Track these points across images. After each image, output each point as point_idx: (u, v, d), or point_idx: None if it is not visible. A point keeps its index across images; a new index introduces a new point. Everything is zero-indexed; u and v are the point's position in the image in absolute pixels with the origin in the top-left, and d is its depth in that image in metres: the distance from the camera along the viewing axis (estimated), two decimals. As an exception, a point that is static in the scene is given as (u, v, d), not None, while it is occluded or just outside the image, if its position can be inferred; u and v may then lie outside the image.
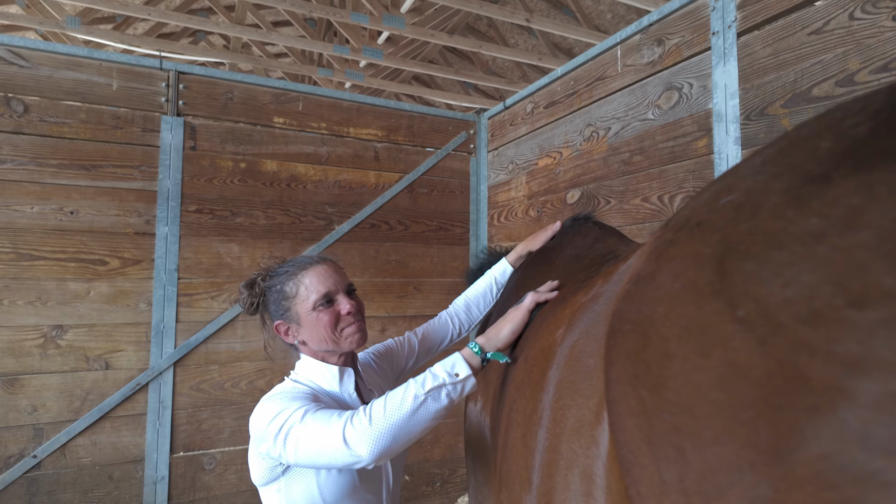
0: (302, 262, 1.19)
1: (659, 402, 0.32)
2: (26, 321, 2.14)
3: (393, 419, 0.89)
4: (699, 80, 1.78)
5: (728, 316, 0.28)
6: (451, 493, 2.95)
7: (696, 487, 0.28)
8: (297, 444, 0.97)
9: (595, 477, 0.45)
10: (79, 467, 2.19)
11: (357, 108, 2.83)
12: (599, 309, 0.55)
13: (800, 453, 0.23)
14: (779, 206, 0.28)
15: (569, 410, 0.53)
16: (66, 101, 2.24)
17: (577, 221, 1.42)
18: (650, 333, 0.35)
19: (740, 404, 0.26)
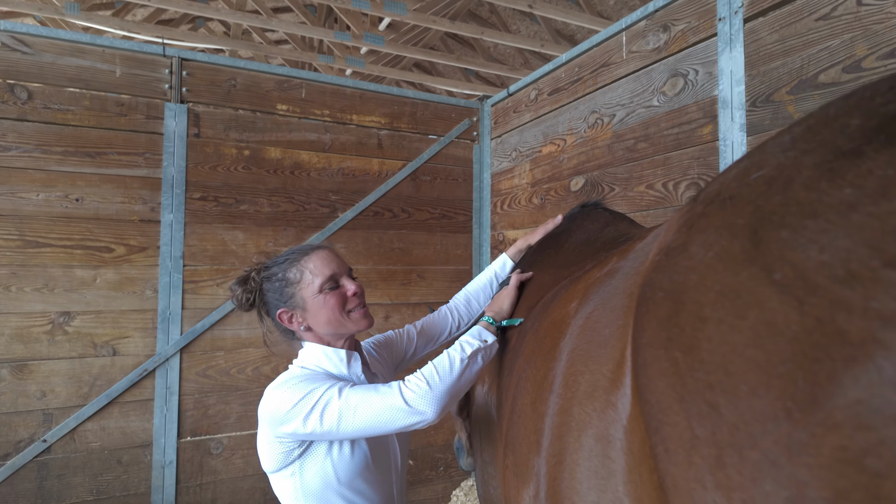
0: (303, 249, 1.22)
1: (693, 363, 0.33)
2: (34, 308, 2.16)
3: (448, 380, 1.02)
4: (705, 66, 1.78)
5: (764, 280, 0.29)
6: (454, 477, 2.99)
7: (728, 439, 0.30)
8: (341, 416, 1.01)
9: (613, 439, 0.47)
10: (88, 451, 2.22)
11: (360, 95, 2.83)
12: (616, 283, 0.57)
13: (837, 399, 0.24)
14: (812, 178, 0.29)
15: (581, 376, 0.55)
16: (69, 88, 2.24)
17: (585, 207, 1.43)
18: (684, 300, 0.36)
19: (777, 359, 0.28)
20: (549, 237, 1.42)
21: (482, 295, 1.52)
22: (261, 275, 1.21)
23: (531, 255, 1.44)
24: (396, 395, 1.00)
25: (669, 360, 0.36)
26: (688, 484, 0.33)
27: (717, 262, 0.34)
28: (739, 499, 0.29)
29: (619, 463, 0.46)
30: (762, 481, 0.27)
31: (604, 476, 0.48)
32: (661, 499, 0.39)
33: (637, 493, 0.44)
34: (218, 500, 2.43)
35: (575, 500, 0.52)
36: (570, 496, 0.53)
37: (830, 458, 0.24)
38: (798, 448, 0.26)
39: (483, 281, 1.53)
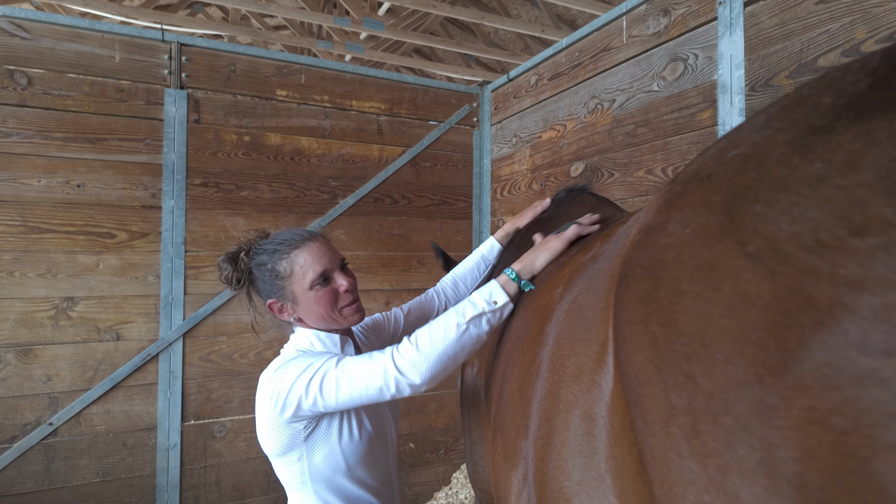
0: (293, 240, 1.16)
1: (670, 335, 0.35)
2: (37, 293, 2.18)
3: (440, 347, 0.93)
4: (705, 50, 1.77)
5: (738, 252, 0.31)
6: (455, 460, 3.03)
7: (704, 407, 0.31)
8: (339, 384, 0.99)
9: (597, 417, 0.49)
10: (93, 434, 2.25)
11: (360, 81, 2.82)
12: (600, 267, 0.58)
13: (805, 363, 0.25)
14: (784, 154, 0.30)
15: (568, 360, 0.56)
16: (69, 74, 2.24)
17: (573, 192, 1.43)
18: (662, 275, 0.37)
19: (750, 328, 0.29)
20: (536, 222, 1.43)
21: (469, 278, 1.52)
22: (251, 259, 1.18)
23: (518, 239, 1.45)
24: (388, 360, 0.95)
25: (648, 333, 0.37)
26: (665, 454, 0.35)
27: (693, 238, 0.35)
28: (714, 465, 0.30)
29: (602, 440, 0.48)
30: (735, 446, 0.29)
31: (587, 454, 0.50)
32: (640, 473, 0.41)
33: (618, 468, 0.45)
34: (222, 482, 2.47)
35: (561, 479, 0.54)
36: (557, 476, 0.54)
37: (799, 419, 0.25)
38: (769, 412, 0.27)
39: (470, 264, 1.52)
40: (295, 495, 1.17)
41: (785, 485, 0.26)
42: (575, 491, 0.51)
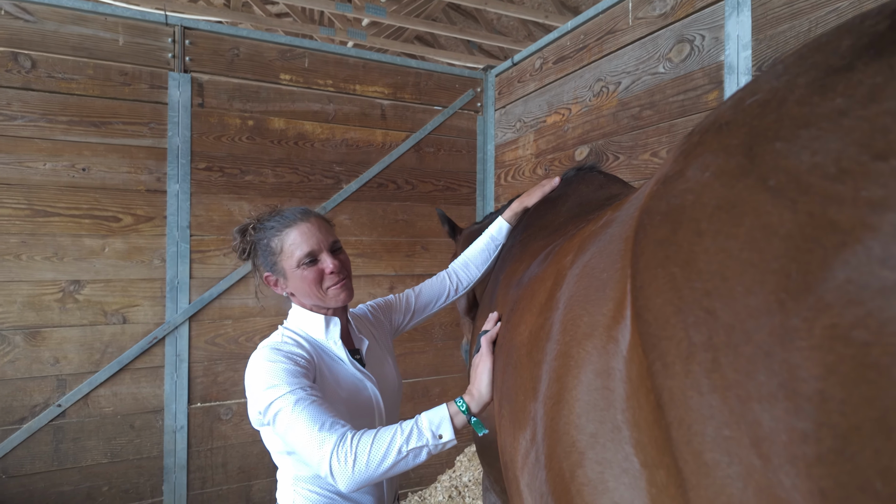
0: (287, 219, 1.20)
1: (689, 274, 0.35)
2: (44, 276, 2.19)
3: (374, 467, 0.96)
4: (711, 31, 1.76)
5: (759, 188, 0.31)
6: (459, 443, 3.06)
7: (724, 340, 0.32)
8: (286, 434, 1.03)
9: (612, 371, 0.49)
10: (101, 416, 2.28)
11: (363, 65, 2.81)
12: (613, 231, 0.58)
13: (828, 283, 0.26)
14: (804, 95, 0.31)
15: (580, 319, 0.57)
16: (73, 57, 2.23)
17: (580, 171, 1.43)
18: (681, 219, 0.38)
19: (771, 257, 0.29)
20: (544, 202, 1.42)
21: (480, 258, 1.52)
22: (256, 232, 1.23)
23: (526, 219, 1.44)
24: (327, 454, 0.97)
25: (667, 276, 0.38)
26: (684, 393, 0.36)
27: (712, 181, 0.35)
28: (734, 395, 0.31)
29: (619, 392, 0.48)
30: (756, 374, 0.29)
31: (602, 408, 0.51)
32: (657, 420, 0.41)
33: (635, 418, 0.46)
34: (228, 464, 2.50)
35: (573, 433, 0.54)
36: (568, 431, 0.55)
37: (821, 337, 0.26)
38: (791, 334, 0.28)
39: (480, 245, 1.53)
40: (280, 459, 1.21)
41: (806, 403, 0.27)
42: (589, 444, 0.52)
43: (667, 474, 0.41)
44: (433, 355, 2.97)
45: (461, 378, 3.06)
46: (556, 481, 0.57)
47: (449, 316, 3.02)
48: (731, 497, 0.33)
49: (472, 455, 3.01)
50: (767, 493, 0.30)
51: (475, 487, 2.82)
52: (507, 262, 1.25)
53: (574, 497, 0.53)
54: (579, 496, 0.53)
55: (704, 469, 0.35)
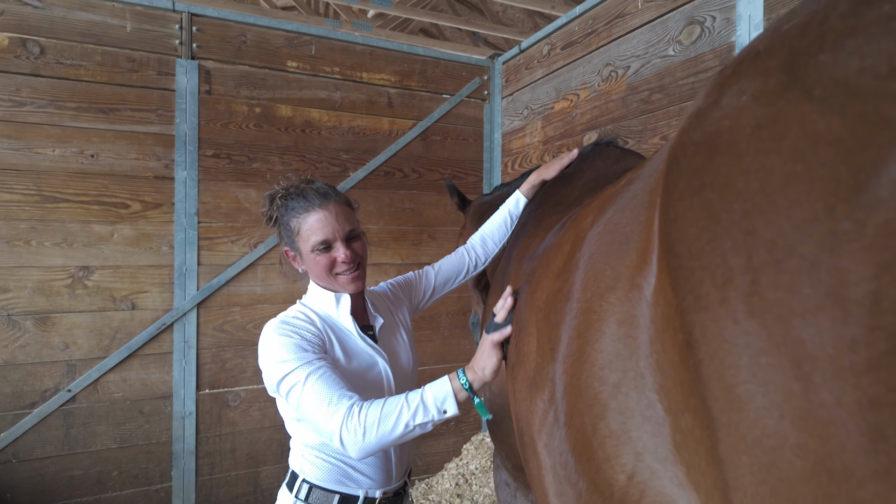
0: (308, 202, 1.20)
1: (728, 196, 0.34)
2: (54, 262, 2.20)
3: (382, 438, 1.00)
4: (722, 12, 1.75)
5: (803, 99, 0.30)
6: (465, 432, 3.06)
7: (766, 258, 0.31)
8: (298, 407, 1.07)
9: (636, 318, 0.49)
10: (111, 402, 2.29)
11: (370, 53, 2.80)
12: (636, 187, 0.57)
13: (882, 178, 0.25)
14: (848, 9, 0.30)
15: (602, 274, 0.56)
16: (81, 43, 2.23)
17: (598, 146, 1.41)
18: (717, 144, 0.37)
19: (818, 164, 0.28)
20: (559, 177, 1.41)
21: (497, 234, 1.52)
22: (281, 204, 1.23)
23: (540, 196, 1.43)
24: (338, 423, 1.01)
25: (702, 203, 0.37)
26: (718, 324, 0.35)
27: (751, 102, 0.34)
28: (774, 316, 0.30)
29: (643, 338, 0.48)
30: (800, 288, 0.29)
31: (625, 357, 0.50)
32: (683, 362, 0.41)
33: (659, 362, 0.45)
34: (237, 449, 2.51)
35: (595, 386, 0.54)
36: (591, 384, 0.54)
37: (874, 235, 0.25)
38: (840, 238, 0.27)
39: (498, 221, 1.53)
40: (291, 426, 1.23)
41: (856, 308, 0.26)
42: (611, 394, 0.51)
43: (693, 417, 0.40)
44: (440, 344, 2.97)
45: (465, 364, 3.05)
46: (576, 437, 0.57)
47: (456, 305, 3.02)
48: (765, 429, 0.32)
49: (478, 443, 3.01)
50: (807, 419, 0.29)
51: (482, 475, 2.82)
52: (521, 239, 1.24)
53: (596, 450, 0.53)
54: (601, 448, 0.52)
55: (737, 404, 0.34)
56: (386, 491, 1.24)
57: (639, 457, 0.48)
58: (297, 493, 1.19)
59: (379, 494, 1.22)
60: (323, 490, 1.18)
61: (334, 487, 1.18)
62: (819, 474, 0.28)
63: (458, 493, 2.72)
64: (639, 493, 0.48)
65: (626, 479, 0.50)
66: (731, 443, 0.35)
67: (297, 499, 1.18)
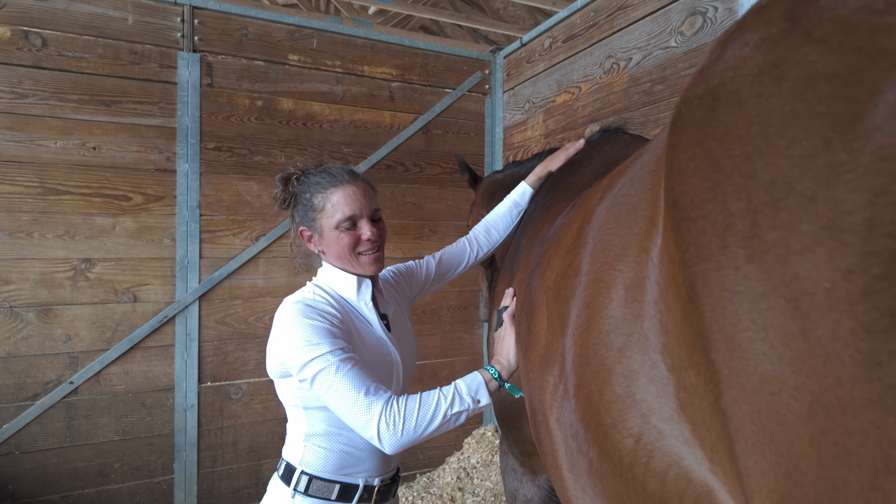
0: (334, 178, 1.19)
1: (730, 142, 0.34)
2: (56, 254, 2.20)
3: (421, 430, 1.01)
4: (724, 2, 1.74)
5: (804, 41, 0.30)
6: (466, 426, 3.06)
7: (765, 198, 0.31)
8: (326, 394, 1.03)
9: (641, 280, 0.49)
10: (113, 394, 2.29)
11: (371, 46, 2.80)
12: (643, 159, 0.57)
13: (878, 107, 0.25)
14: None
15: (611, 244, 0.56)
16: (83, 36, 2.24)
17: (606, 132, 1.40)
18: (719, 94, 0.37)
19: (816, 101, 0.29)
20: (567, 164, 1.41)
21: (502, 224, 1.51)
22: (299, 184, 1.22)
23: (550, 182, 1.43)
24: (376, 415, 0.99)
25: (705, 152, 0.37)
26: (720, 272, 0.35)
27: (752, 52, 0.34)
28: (773, 257, 0.30)
29: (648, 299, 0.48)
30: (798, 224, 0.29)
31: (630, 320, 0.50)
32: (686, 317, 0.41)
33: (663, 321, 0.45)
34: (238, 442, 2.51)
35: (602, 352, 0.54)
36: (597, 350, 0.55)
37: (869, 162, 0.25)
38: (836, 169, 0.27)
39: (503, 210, 1.51)
40: (293, 413, 1.19)
41: (851, 237, 0.26)
42: (616, 359, 0.51)
43: (696, 374, 0.41)
44: (441, 338, 2.97)
45: (469, 361, 3.06)
46: (584, 406, 0.57)
47: (458, 298, 3.02)
48: (764, 375, 0.32)
49: (479, 437, 3.01)
50: (804, 359, 0.29)
51: (483, 469, 2.82)
52: (530, 226, 1.24)
53: (603, 416, 0.53)
54: (608, 414, 0.52)
55: (738, 353, 0.34)
56: (384, 478, 1.23)
57: (645, 419, 0.48)
58: (295, 485, 1.15)
59: (377, 482, 1.21)
60: (323, 480, 1.15)
61: (335, 477, 1.16)
62: (815, 412, 0.29)
63: (459, 487, 2.72)
64: (647, 455, 0.48)
65: (633, 443, 0.50)
66: (733, 393, 0.35)
67: (295, 491, 1.15)
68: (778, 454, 0.31)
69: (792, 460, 0.30)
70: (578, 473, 0.61)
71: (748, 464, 0.34)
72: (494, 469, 2.80)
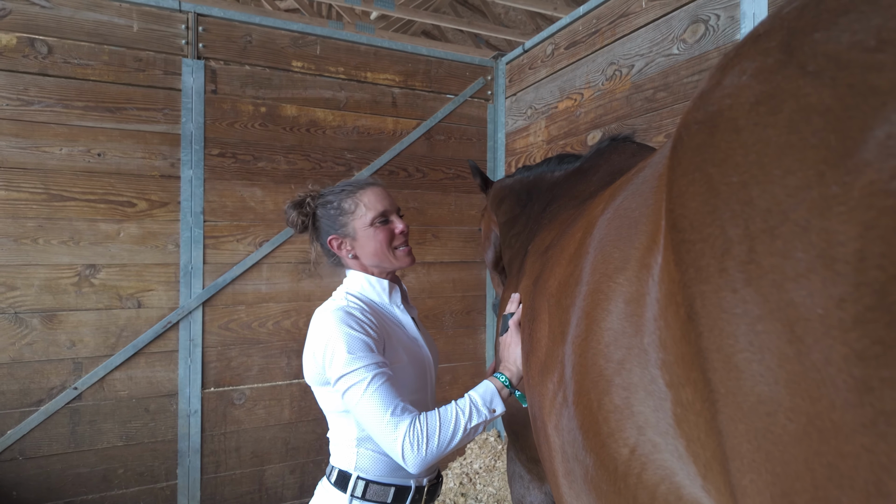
0: (359, 183, 1.28)
1: (727, 170, 0.35)
2: (61, 260, 2.22)
3: (444, 447, 1.03)
4: (727, 10, 1.75)
5: (798, 74, 0.31)
6: (469, 432, 3.06)
7: (761, 226, 0.32)
8: (356, 410, 1.06)
9: (642, 296, 0.50)
10: (117, 399, 2.30)
11: (374, 52, 2.81)
12: (645, 173, 0.58)
13: (868, 142, 0.26)
14: None
15: (612, 256, 0.57)
16: (88, 43, 2.26)
17: (615, 141, 1.40)
18: (718, 122, 0.37)
19: (810, 133, 0.29)
20: (576, 172, 1.42)
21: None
22: (316, 201, 1.28)
23: (556, 190, 1.43)
24: (399, 436, 1.02)
25: (703, 178, 0.38)
26: (718, 294, 0.36)
27: (750, 81, 0.35)
28: (769, 282, 0.31)
29: (648, 315, 0.48)
30: (793, 252, 0.29)
31: (630, 334, 0.51)
32: (684, 336, 0.41)
33: (662, 338, 0.46)
34: (241, 448, 2.52)
35: (601, 363, 0.55)
36: (596, 361, 0.55)
37: (860, 196, 0.26)
38: (829, 201, 0.28)
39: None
40: (339, 419, 1.20)
41: (843, 267, 0.27)
42: (615, 370, 0.52)
43: (693, 391, 0.41)
44: (444, 343, 2.97)
45: (472, 366, 3.06)
46: (583, 414, 0.58)
47: (460, 304, 3.02)
48: (760, 396, 0.33)
49: (482, 443, 3.01)
50: (799, 381, 0.30)
51: (486, 475, 2.82)
52: (537, 232, 1.25)
53: (601, 425, 0.54)
54: (605, 424, 0.53)
55: (735, 373, 0.35)
56: (430, 479, 1.26)
57: (641, 431, 0.49)
58: (352, 491, 1.16)
59: (426, 482, 1.24)
60: (379, 485, 1.17)
61: (389, 480, 1.18)
62: (810, 434, 0.29)
63: (462, 493, 2.72)
64: (640, 467, 0.49)
65: (628, 453, 0.51)
66: (730, 412, 0.35)
67: (353, 497, 1.16)
68: (773, 474, 0.31)
69: (787, 480, 0.31)
70: (574, 480, 0.62)
71: (743, 482, 0.35)
72: (497, 475, 2.80)
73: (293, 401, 2.62)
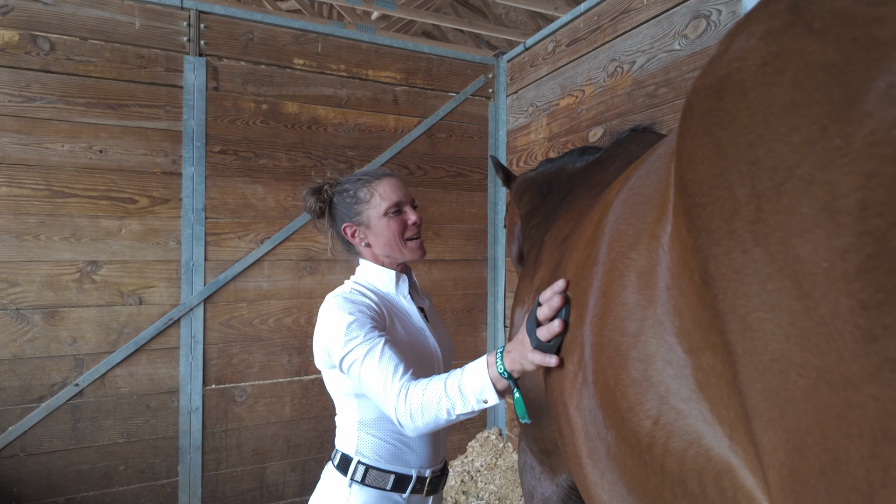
0: (375, 172, 1.29)
1: (734, 131, 0.36)
2: (62, 256, 2.22)
3: (430, 423, 1.02)
4: (728, 6, 1.75)
5: (804, 33, 0.32)
6: (470, 430, 3.06)
7: (768, 184, 0.32)
8: (360, 382, 1.10)
9: (654, 266, 0.50)
10: (118, 396, 2.30)
11: (376, 50, 2.82)
12: (659, 151, 0.59)
13: (869, 94, 0.27)
14: None
15: (625, 234, 0.57)
16: (90, 40, 2.26)
17: (634, 131, 1.40)
18: (725, 85, 0.38)
19: (814, 89, 0.30)
20: (594, 162, 1.42)
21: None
22: (333, 188, 1.30)
23: (573, 180, 1.43)
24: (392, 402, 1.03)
25: (712, 141, 0.38)
26: (729, 255, 0.36)
27: (758, 43, 0.36)
28: (776, 240, 0.31)
29: (660, 285, 0.49)
30: (798, 208, 0.30)
31: (644, 305, 0.51)
32: (700, 301, 0.42)
33: (677, 306, 0.46)
34: (242, 445, 2.51)
35: (616, 338, 0.55)
36: (612, 337, 0.56)
37: (861, 146, 0.27)
38: (832, 154, 0.28)
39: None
40: (344, 402, 1.23)
41: (846, 218, 0.27)
42: (631, 344, 0.52)
43: (713, 354, 0.42)
44: (445, 341, 2.97)
45: (473, 364, 3.05)
46: (602, 392, 0.58)
47: (461, 302, 3.02)
48: (773, 354, 0.33)
49: (483, 441, 3.00)
50: (808, 336, 0.30)
51: (487, 472, 2.81)
52: (554, 223, 1.25)
53: (620, 401, 0.54)
54: (625, 399, 0.53)
55: (749, 333, 0.35)
56: (434, 470, 1.26)
57: (663, 400, 0.50)
58: (352, 475, 1.18)
59: (429, 473, 1.24)
60: (379, 471, 1.18)
61: (390, 467, 1.19)
62: (819, 388, 0.30)
63: (463, 490, 2.71)
64: (666, 435, 0.49)
65: (651, 425, 0.51)
66: (748, 372, 0.36)
67: (353, 481, 1.17)
68: (787, 430, 0.32)
69: (799, 435, 0.31)
70: (597, 459, 0.63)
71: (763, 440, 0.35)
72: (498, 473, 2.79)
73: (294, 398, 2.61)
